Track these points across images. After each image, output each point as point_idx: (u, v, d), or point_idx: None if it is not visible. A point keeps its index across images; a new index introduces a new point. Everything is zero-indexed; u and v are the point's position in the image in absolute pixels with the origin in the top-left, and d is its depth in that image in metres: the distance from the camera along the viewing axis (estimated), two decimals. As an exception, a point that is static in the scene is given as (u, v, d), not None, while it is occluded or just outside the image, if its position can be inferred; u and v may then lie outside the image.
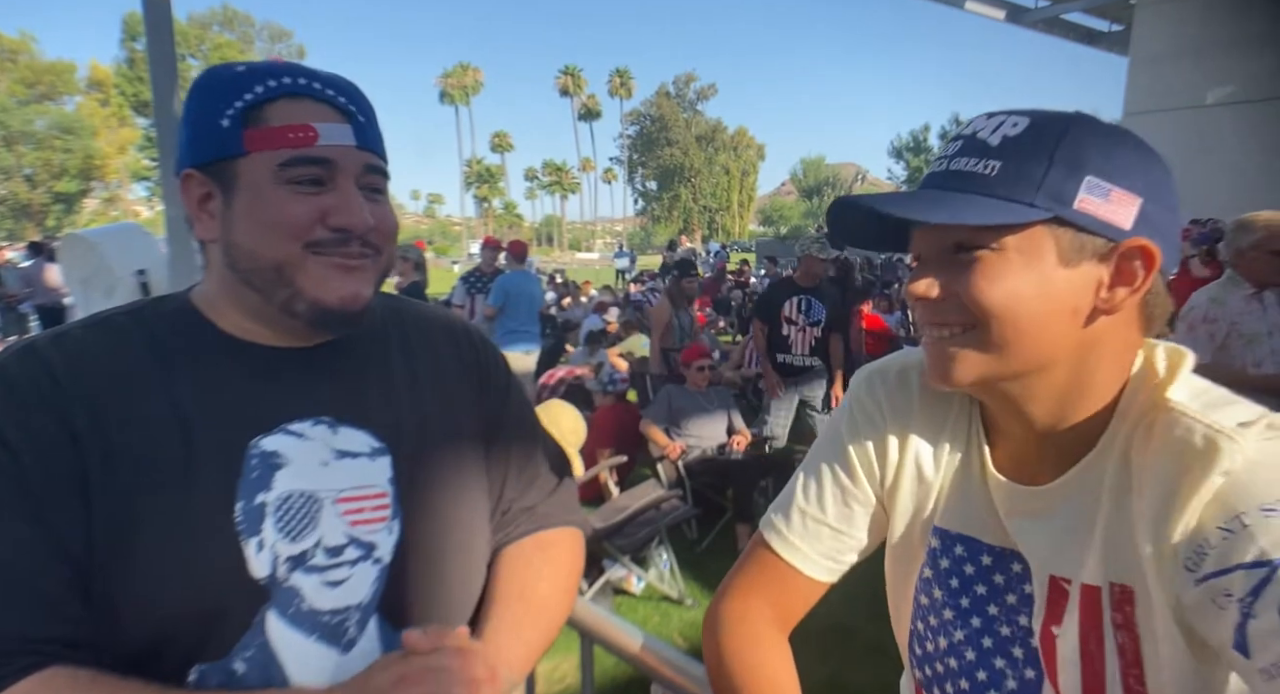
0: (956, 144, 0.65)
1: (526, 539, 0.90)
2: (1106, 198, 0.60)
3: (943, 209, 0.61)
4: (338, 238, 0.73)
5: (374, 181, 0.76)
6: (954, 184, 0.63)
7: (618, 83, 71.05)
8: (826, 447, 0.83)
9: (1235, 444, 0.57)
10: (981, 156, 0.62)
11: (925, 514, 0.78)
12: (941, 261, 0.65)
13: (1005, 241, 0.61)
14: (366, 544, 0.75)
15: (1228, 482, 0.57)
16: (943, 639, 0.78)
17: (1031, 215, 0.60)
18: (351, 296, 0.74)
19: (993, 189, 0.61)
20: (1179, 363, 0.65)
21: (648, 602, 3.53)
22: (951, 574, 0.77)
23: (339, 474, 0.75)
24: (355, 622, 0.75)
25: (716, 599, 0.85)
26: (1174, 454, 0.60)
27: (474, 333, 0.95)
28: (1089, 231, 0.60)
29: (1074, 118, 0.62)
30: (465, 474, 0.85)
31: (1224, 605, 0.55)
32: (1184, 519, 0.58)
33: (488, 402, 0.90)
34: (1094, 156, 0.60)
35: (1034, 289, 0.61)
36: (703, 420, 4.53)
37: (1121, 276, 0.62)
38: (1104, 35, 16.50)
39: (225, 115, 0.71)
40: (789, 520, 0.82)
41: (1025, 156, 0.61)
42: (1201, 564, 0.56)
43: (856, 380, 0.83)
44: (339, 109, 0.74)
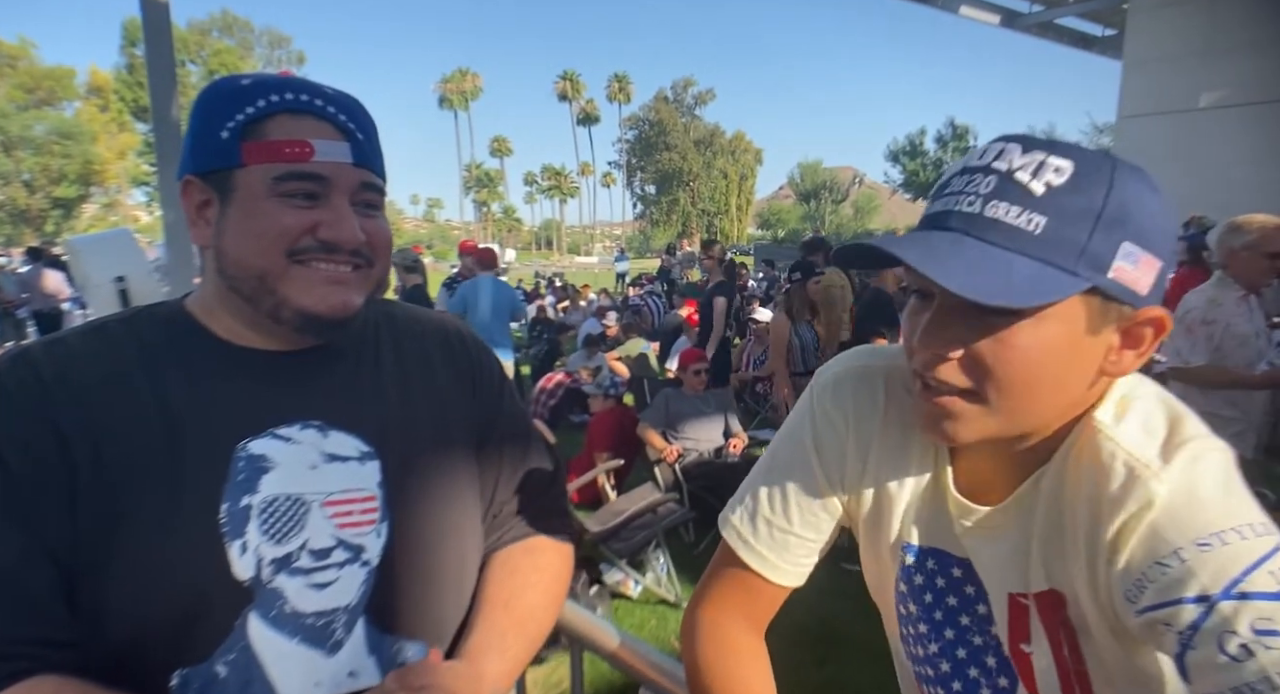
0: (990, 181, 0.58)
1: (515, 545, 0.91)
2: (1136, 265, 0.57)
3: (985, 277, 0.55)
4: (323, 248, 0.74)
5: (369, 198, 0.78)
6: (991, 236, 0.57)
7: (616, 88, 71.19)
8: (789, 452, 0.81)
9: (1150, 475, 0.58)
10: (1024, 207, 0.56)
11: (894, 525, 0.77)
12: (965, 317, 0.59)
13: (1042, 309, 0.57)
14: (354, 547, 0.76)
15: (1160, 514, 0.57)
16: (921, 648, 0.79)
17: (1075, 286, 0.56)
18: (340, 305, 0.76)
19: (1035, 251, 0.56)
20: (1124, 384, 0.65)
21: (645, 605, 3.53)
22: (925, 589, 0.77)
23: (328, 477, 0.76)
24: (342, 624, 0.75)
25: (691, 608, 0.86)
26: (1095, 479, 0.61)
27: (467, 335, 0.96)
28: (1114, 299, 0.58)
29: (1116, 169, 0.58)
30: (455, 477, 0.85)
31: (1164, 632, 0.56)
32: (1114, 549, 0.59)
33: (480, 405, 0.91)
34: (1132, 219, 0.57)
35: (1060, 358, 0.59)
36: (700, 424, 4.53)
37: (1131, 341, 0.61)
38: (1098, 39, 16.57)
39: (226, 127, 0.73)
40: (755, 530, 0.81)
41: (1072, 217, 0.56)
42: (1141, 596, 0.57)
43: (821, 383, 0.80)
44: (338, 127, 0.75)
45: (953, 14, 13.86)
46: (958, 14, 13.91)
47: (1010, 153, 0.59)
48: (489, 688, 0.75)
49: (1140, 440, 0.60)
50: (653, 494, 3.79)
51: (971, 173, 0.60)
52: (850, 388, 0.78)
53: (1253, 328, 2.79)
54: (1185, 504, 0.57)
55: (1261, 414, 2.90)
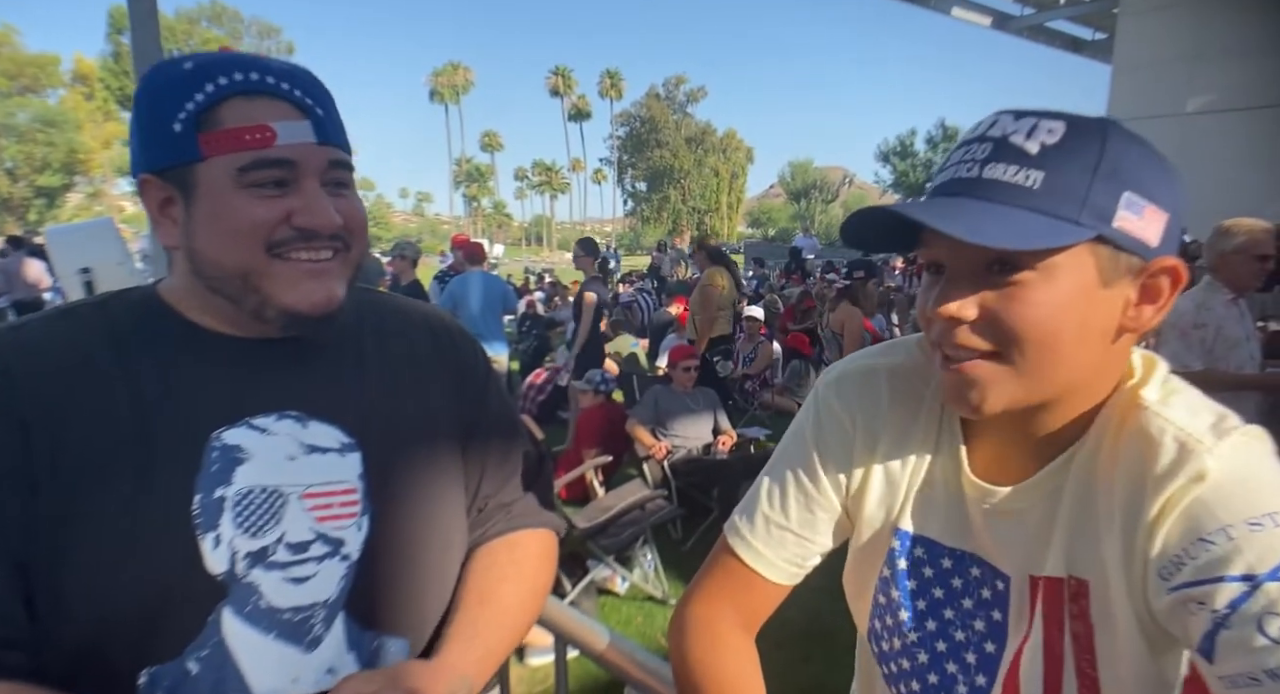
0: (985, 147, 0.60)
1: (498, 540, 0.89)
2: (1141, 215, 0.58)
3: (990, 225, 0.56)
4: (302, 236, 0.71)
5: (338, 176, 0.74)
6: (991, 194, 0.58)
7: (608, 84, 71.03)
8: (792, 450, 0.81)
9: (1204, 449, 0.57)
10: (1021, 165, 0.58)
11: (891, 517, 0.77)
12: (976, 278, 0.60)
13: (1052, 262, 0.58)
14: (334, 540, 0.74)
15: (1209, 490, 0.56)
16: (898, 640, 0.78)
17: (1080, 234, 0.57)
18: (324, 301, 0.73)
19: (1036, 203, 0.57)
20: (1154, 365, 0.65)
21: (632, 602, 3.52)
22: (909, 576, 0.76)
23: (306, 469, 0.74)
24: (321, 619, 0.73)
25: (682, 603, 0.85)
26: (1143, 455, 0.60)
27: (454, 327, 0.94)
28: (1124, 250, 0.59)
29: (1108, 126, 0.59)
30: (439, 470, 0.83)
31: (1195, 611, 0.55)
32: (1156, 525, 0.58)
33: (466, 397, 0.89)
34: (1132, 170, 0.58)
35: (1077, 312, 0.59)
36: (688, 421, 4.53)
37: (1148, 294, 0.61)
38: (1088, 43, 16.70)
39: (177, 119, 0.68)
40: (753, 526, 0.81)
41: (1069, 169, 0.57)
42: (1177, 573, 0.56)
43: (825, 381, 0.81)
44: (296, 104, 0.71)
45: (945, 15, 13.92)
46: (949, 15, 13.99)
47: (1003, 121, 0.61)
48: (454, 677, 0.73)
49: (1191, 419, 0.59)
50: (641, 491, 3.77)
51: (968, 144, 0.62)
52: (854, 386, 0.78)
53: (1244, 331, 2.81)
54: (1238, 481, 0.56)
55: (1255, 416, 2.91)
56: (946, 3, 13.70)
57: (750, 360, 7.15)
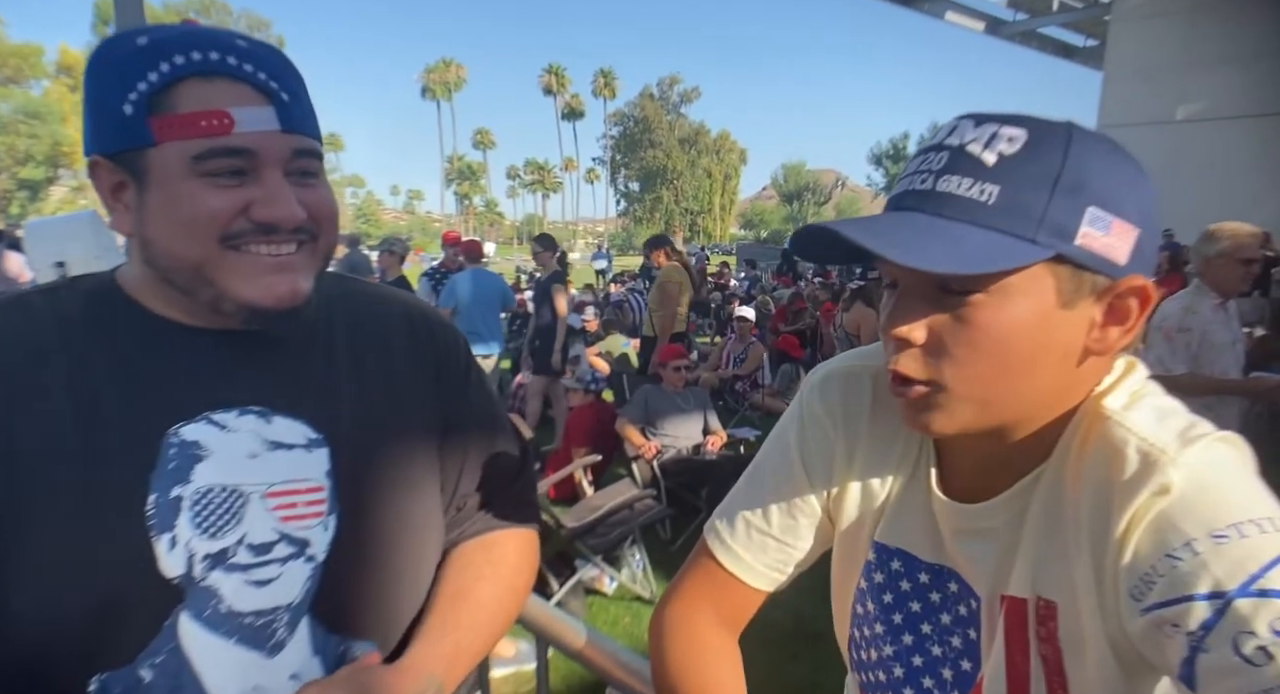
0: (941, 156, 0.56)
1: (474, 540, 0.86)
2: (1107, 231, 0.54)
3: (935, 246, 0.52)
4: (260, 229, 0.67)
5: (305, 165, 0.69)
6: (943, 209, 0.55)
7: (602, 83, 71.05)
8: (775, 453, 0.79)
9: (1168, 460, 0.53)
10: (975, 178, 0.54)
11: (868, 528, 0.75)
12: (927, 298, 0.57)
13: (1006, 283, 0.54)
14: (299, 541, 0.70)
15: (1173, 503, 0.52)
16: (874, 651, 0.76)
17: (1035, 254, 0.53)
18: (288, 294, 0.69)
19: (989, 220, 0.53)
20: (1129, 370, 0.62)
21: (620, 602, 3.49)
22: (885, 589, 0.74)
23: (270, 467, 0.70)
24: (284, 623, 0.70)
25: (661, 604, 0.82)
26: (1107, 467, 0.56)
27: (433, 318, 0.89)
28: (1087, 269, 0.55)
29: (1072, 134, 0.55)
30: (413, 468, 0.80)
31: (1170, 634, 0.51)
32: (1123, 541, 0.54)
33: (444, 391, 0.85)
34: (1096, 183, 0.54)
35: (1031, 336, 0.55)
36: (679, 421, 4.51)
37: (1115, 315, 0.57)
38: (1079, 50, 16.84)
39: (128, 100, 0.63)
40: (733, 529, 0.79)
41: (1026, 183, 0.53)
42: (1147, 593, 0.52)
43: (810, 384, 0.79)
44: (259, 88, 0.66)
45: (938, 19, 13.99)
46: (943, 19, 14.06)
47: (963, 128, 0.57)
48: (421, 676, 0.71)
49: (1155, 428, 0.56)
50: (630, 491, 3.75)
51: (926, 152, 0.59)
52: (838, 388, 0.76)
53: (1230, 336, 2.81)
54: (1200, 492, 0.52)
55: (1238, 420, 2.92)
56: (940, 7, 13.77)
57: (741, 361, 7.15)
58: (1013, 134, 0.55)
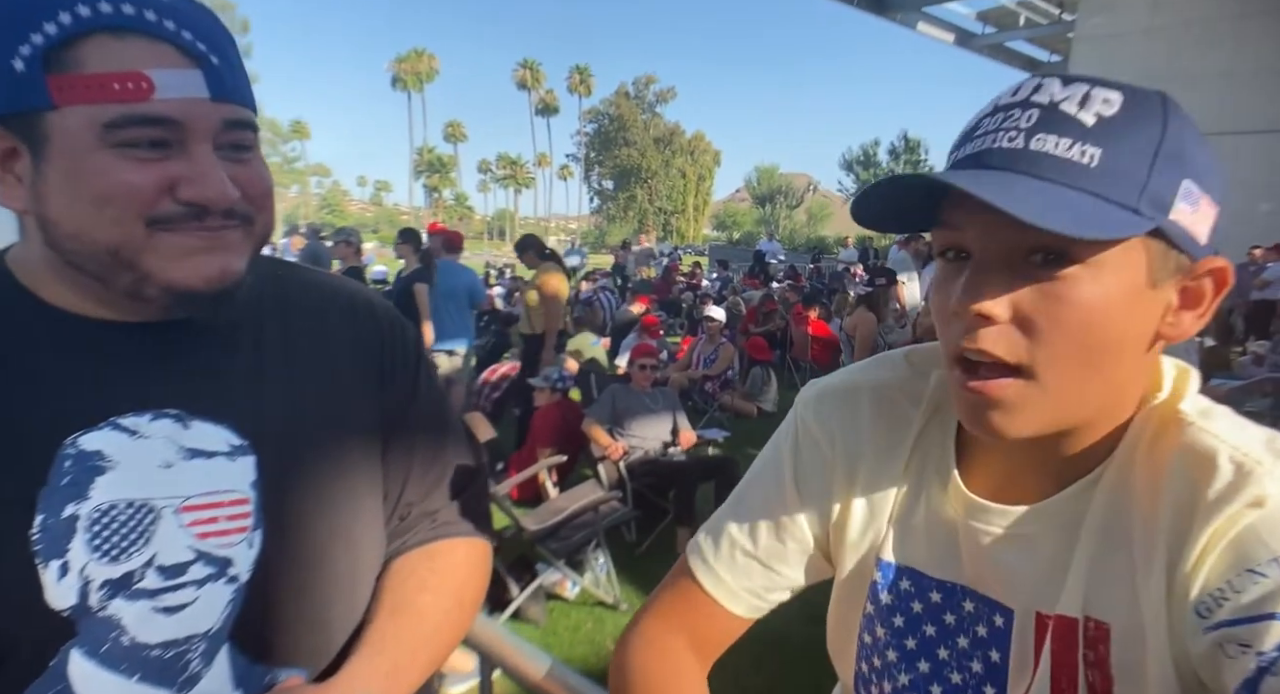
0: (1030, 114, 0.51)
1: (418, 550, 0.78)
2: (1196, 208, 0.51)
3: (1044, 206, 0.47)
4: (191, 212, 0.59)
5: (237, 138, 0.62)
6: (1040, 170, 0.49)
7: (577, 80, 70.68)
8: (767, 473, 0.75)
9: (1265, 471, 0.48)
10: (1075, 139, 0.49)
11: (874, 548, 0.70)
12: (1011, 271, 0.51)
13: (1100, 257, 0.49)
14: (219, 560, 0.63)
15: (1265, 517, 0.48)
16: (888, 683, 0.69)
17: (1140, 226, 0.48)
18: (219, 274, 0.61)
19: (1093, 185, 0.48)
20: (1187, 375, 0.57)
21: (582, 607, 3.42)
22: (895, 611, 0.69)
23: (186, 478, 0.62)
24: (200, 654, 0.62)
25: (633, 623, 0.76)
26: (1192, 477, 0.51)
27: (380, 309, 0.81)
28: (1175, 247, 0.51)
29: (1166, 100, 0.51)
30: (352, 475, 0.73)
31: (1235, 655, 0.46)
32: (1203, 555, 0.49)
33: (390, 390, 0.78)
34: (1192, 153, 0.50)
35: (1121, 317, 0.50)
36: (647, 421, 4.45)
37: (1190, 299, 0.53)
38: (1044, 64, 17.23)
39: (19, 55, 0.54)
40: (718, 549, 0.73)
41: (1129, 148, 0.49)
42: (1217, 610, 0.48)
43: (804, 402, 0.74)
44: (184, 49, 0.58)
45: (910, 29, 14.18)
46: (915, 30, 14.25)
47: (1049, 86, 0.52)
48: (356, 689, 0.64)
49: (1243, 438, 0.51)
50: (595, 492, 3.69)
51: (1007, 109, 0.52)
52: (834, 406, 0.72)
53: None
54: None
55: None
56: (913, 17, 13.96)
57: (711, 361, 7.12)
58: (1108, 96, 0.50)
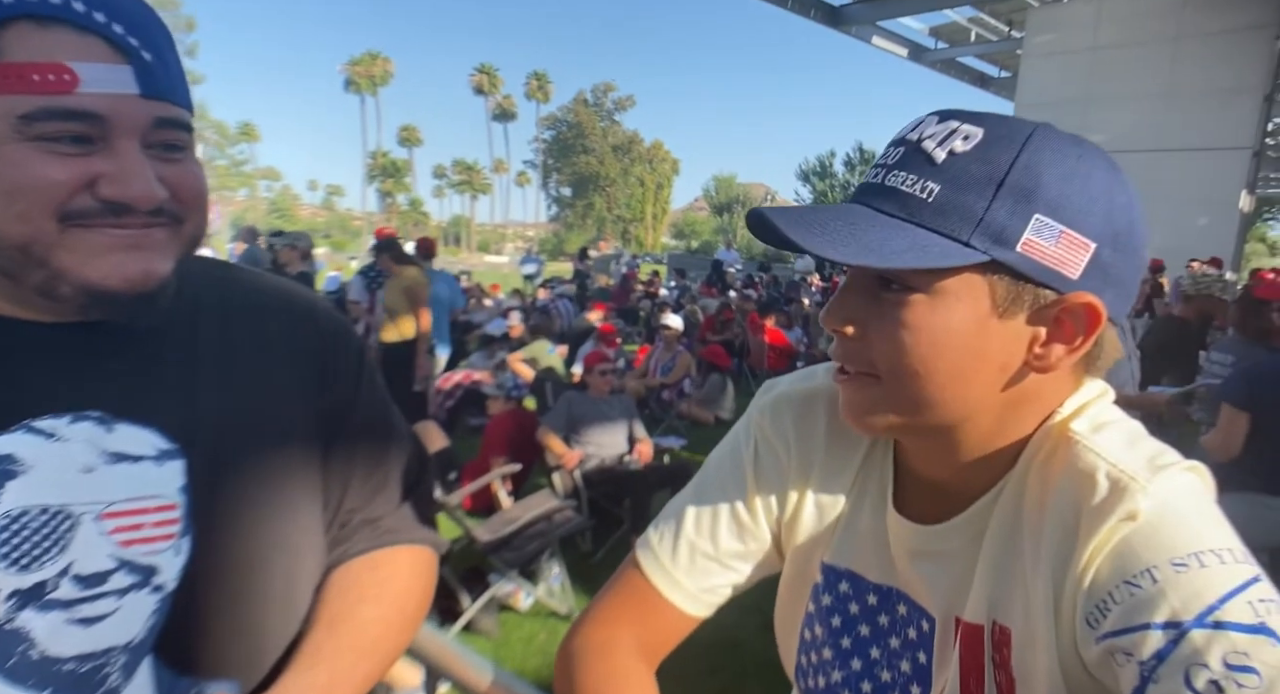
0: (898, 151, 0.56)
1: (359, 559, 0.76)
2: (1055, 241, 0.52)
3: (860, 240, 0.51)
4: (110, 209, 0.57)
5: (169, 137, 0.60)
6: (886, 204, 0.54)
7: (535, 86, 70.46)
8: (725, 475, 0.75)
9: (1139, 487, 0.51)
10: (921, 175, 0.53)
11: (819, 550, 0.72)
12: (867, 292, 0.56)
13: (940, 285, 0.53)
14: (143, 568, 0.60)
15: (1137, 529, 0.51)
16: (822, 678, 0.72)
17: (967, 257, 0.51)
18: (140, 275, 0.59)
19: (926, 218, 0.52)
20: (1097, 398, 0.60)
21: (535, 618, 3.38)
22: (834, 612, 0.71)
23: (108, 483, 0.60)
24: (119, 667, 0.59)
25: (576, 627, 0.75)
26: (1074, 494, 0.54)
27: (322, 313, 0.80)
28: (1030, 280, 0.53)
29: (1033, 135, 0.53)
30: (287, 481, 0.71)
31: (1123, 663, 0.49)
32: (1085, 568, 0.52)
33: (331, 395, 0.76)
34: (1048, 189, 0.51)
35: (962, 340, 0.53)
36: (603, 428, 4.43)
37: (1060, 333, 0.55)
38: (995, 80, 17.83)
39: None
40: (675, 553, 0.73)
41: (968, 183, 0.52)
42: (1104, 620, 0.50)
43: (761, 405, 0.76)
44: (114, 42, 0.56)
45: (866, 43, 14.52)
46: (870, 43, 14.60)
47: (927, 123, 0.56)
48: None
49: (1124, 454, 0.54)
50: (549, 502, 3.65)
51: (890, 146, 0.58)
52: (791, 410, 0.74)
53: (1126, 350, 3.02)
54: (1167, 519, 0.51)
55: None
56: (867, 31, 14.29)
57: (668, 369, 7.14)
58: (970, 131, 0.53)
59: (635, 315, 12.19)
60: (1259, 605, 0.47)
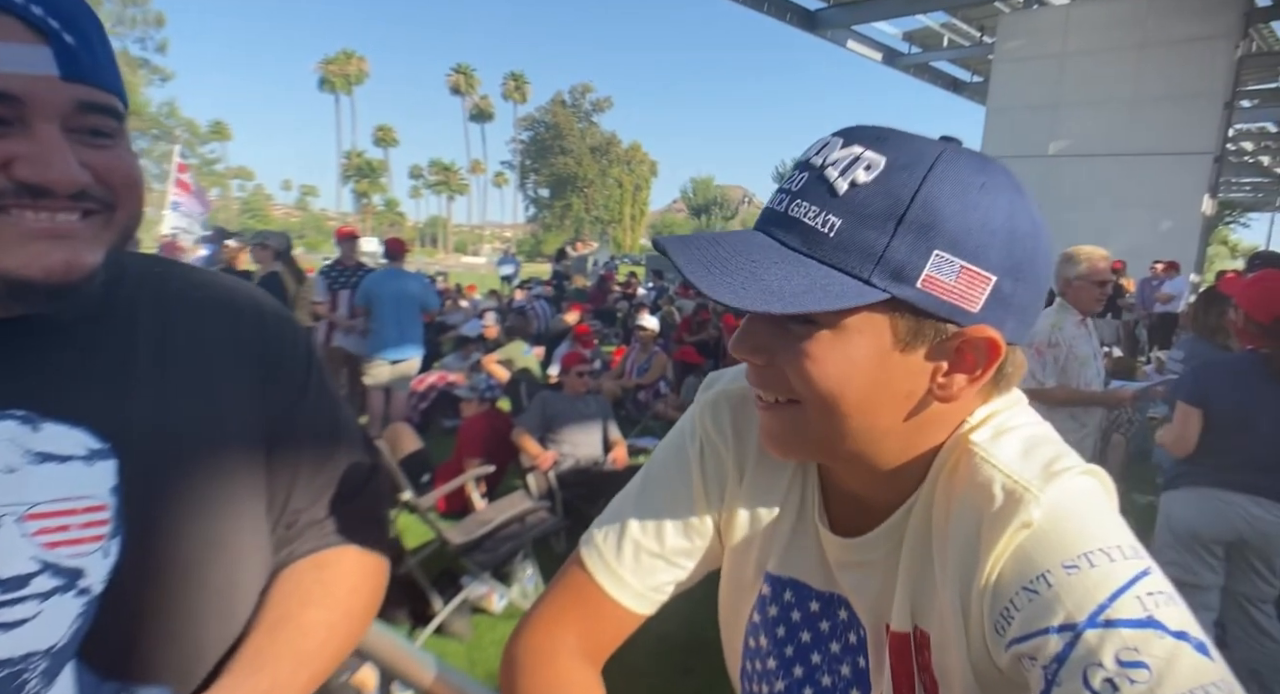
0: (803, 177, 0.54)
1: (305, 560, 0.75)
2: (955, 277, 0.51)
3: (755, 283, 0.51)
4: (25, 191, 0.55)
5: (95, 123, 0.58)
6: (789, 236, 0.53)
7: (512, 86, 70.15)
8: (671, 472, 0.75)
9: (1031, 497, 0.52)
10: (822, 207, 0.52)
11: (757, 553, 0.72)
12: (773, 322, 0.56)
13: (844, 322, 0.53)
14: (69, 571, 0.58)
15: (1031, 536, 0.52)
16: (765, 685, 0.72)
17: (867, 296, 0.51)
18: (62, 266, 0.57)
19: (827, 254, 0.52)
20: (1004, 407, 0.60)
21: (509, 620, 3.34)
22: (779, 622, 0.71)
23: (33, 483, 0.57)
24: (40, 673, 0.57)
25: (517, 632, 0.74)
26: (974, 504, 0.55)
27: (267, 308, 0.78)
28: (930, 315, 0.53)
29: (936, 163, 0.51)
30: (228, 481, 0.69)
31: (1029, 668, 0.50)
32: (989, 575, 0.53)
33: (274, 392, 0.74)
34: (947, 224, 0.50)
35: (865, 373, 0.54)
36: (578, 429, 4.41)
37: (961, 363, 0.55)
38: (967, 85, 18.09)
39: None
40: (619, 552, 0.73)
41: (868, 218, 0.51)
42: (1008, 628, 0.51)
43: (703, 402, 0.76)
44: (32, 23, 0.54)
45: (841, 47, 14.65)
46: (845, 47, 14.73)
47: (831, 147, 0.54)
48: None
49: (1020, 463, 0.55)
50: (524, 502, 3.63)
51: (795, 169, 0.56)
52: (729, 408, 0.74)
53: (1091, 349, 3.09)
54: (1057, 524, 0.52)
55: (1097, 428, 3.22)
56: (842, 35, 14.41)
57: (644, 370, 7.13)
58: (872, 160, 0.52)
59: (612, 316, 12.18)
60: (1147, 599, 0.47)
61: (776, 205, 0.55)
